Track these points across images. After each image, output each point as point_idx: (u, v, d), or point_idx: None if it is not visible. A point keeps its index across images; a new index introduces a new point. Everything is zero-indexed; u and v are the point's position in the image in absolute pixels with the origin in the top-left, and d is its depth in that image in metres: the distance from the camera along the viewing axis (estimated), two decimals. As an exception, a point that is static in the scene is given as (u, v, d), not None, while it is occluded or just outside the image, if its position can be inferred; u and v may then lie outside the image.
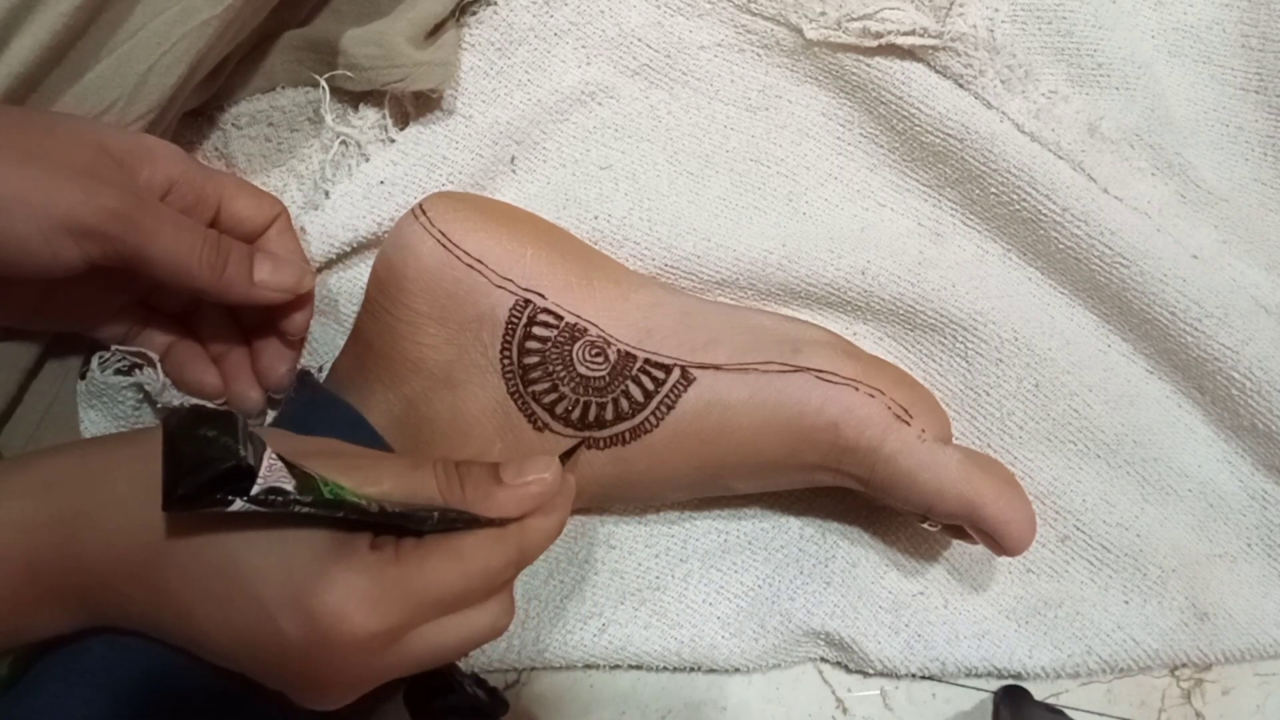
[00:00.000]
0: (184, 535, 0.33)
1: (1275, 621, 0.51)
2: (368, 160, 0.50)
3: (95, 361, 0.47)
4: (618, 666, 0.51)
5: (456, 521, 0.35)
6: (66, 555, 0.34)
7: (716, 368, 0.44)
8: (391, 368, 0.45)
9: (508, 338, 0.44)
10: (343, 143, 0.50)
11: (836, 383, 0.44)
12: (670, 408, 0.44)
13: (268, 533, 0.33)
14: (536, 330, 0.44)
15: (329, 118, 0.50)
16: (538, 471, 0.36)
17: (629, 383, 0.44)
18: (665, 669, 0.51)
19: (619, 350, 0.44)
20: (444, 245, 0.44)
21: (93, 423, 0.49)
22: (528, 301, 0.44)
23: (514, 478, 0.36)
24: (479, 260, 0.44)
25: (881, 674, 0.51)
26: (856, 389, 0.44)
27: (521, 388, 0.44)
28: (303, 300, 0.46)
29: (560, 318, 0.44)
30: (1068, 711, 0.49)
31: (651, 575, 0.51)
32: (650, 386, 0.44)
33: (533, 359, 0.44)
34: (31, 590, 0.34)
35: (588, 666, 0.51)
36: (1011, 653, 0.51)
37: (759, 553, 0.51)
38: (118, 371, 0.47)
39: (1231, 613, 0.51)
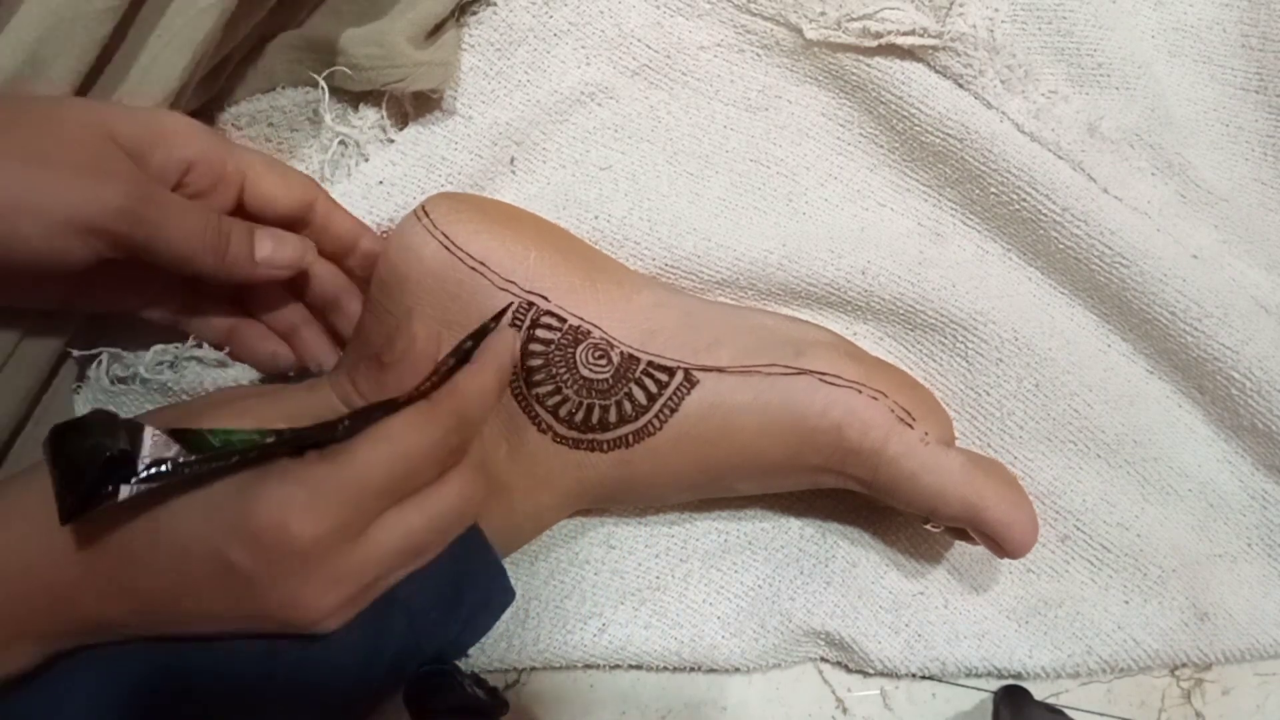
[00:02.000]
0: (104, 537, 0.33)
1: (1275, 621, 0.51)
2: (367, 160, 0.50)
3: (94, 368, 0.47)
4: (618, 666, 0.51)
5: (373, 413, 0.35)
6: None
7: (720, 370, 0.44)
8: (396, 369, 0.45)
9: None
10: (341, 143, 0.50)
11: (840, 385, 0.44)
12: (674, 410, 0.44)
13: (184, 496, 0.33)
14: (540, 333, 0.44)
15: (328, 117, 0.50)
16: (407, 337, 0.37)
17: (632, 385, 0.44)
18: (665, 669, 0.51)
19: (622, 352, 0.44)
20: (447, 248, 0.44)
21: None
22: (531, 304, 0.44)
23: (390, 354, 0.36)
24: (482, 263, 0.44)
25: (881, 674, 0.51)
26: (860, 391, 0.44)
27: (525, 390, 0.44)
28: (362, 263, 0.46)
29: (564, 320, 0.44)
30: (1068, 711, 0.49)
31: (651, 575, 0.51)
32: (654, 389, 0.44)
33: (536, 361, 0.44)
34: None
35: (588, 666, 0.51)
36: (1011, 653, 0.51)
37: (759, 553, 0.51)
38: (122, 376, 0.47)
39: (1231, 613, 0.51)
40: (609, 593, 0.51)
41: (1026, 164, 0.49)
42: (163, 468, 0.32)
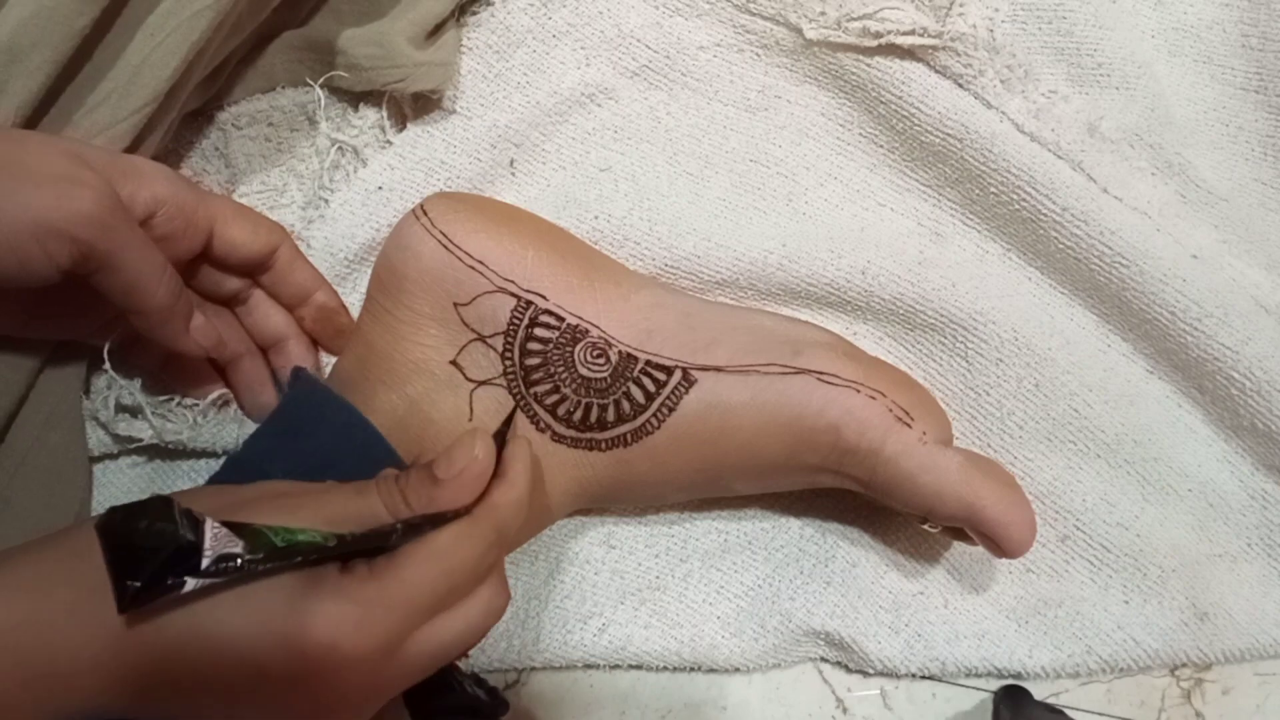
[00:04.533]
0: (151, 629, 0.32)
1: (1275, 621, 0.51)
2: (365, 165, 0.50)
3: (98, 392, 0.47)
4: (618, 666, 0.51)
5: (422, 526, 0.35)
6: (19, 670, 0.32)
7: (718, 369, 0.44)
8: (394, 368, 0.45)
9: (509, 339, 0.44)
10: (338, 149, 0.50)
11: (837, 385, 0.44)
12: (671, 409, 0.44)
13: (234, 595, 0.32)
14: (538, 331, 0.44)
15: (324, 124, 0.50)
16: (467, 455, 0.36)
17: (630, 384, 0.44)
18: (665, 669, 0.51)
19: (620, 351, 0.44)
20: (445, 247, 0.44)
21: (99, 441, 0.48)
22: (529, 303, 0.44)
23: (447, 471, 0.36)
24: (480, 262, 0.44)
25: (881, 674, 0.51)
26: (858, 391, 0.44)
27: (524, 389, 0.44)
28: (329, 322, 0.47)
29: (562, 319, 0.44)
30: (1068, 711, 0.49)
31: (651, 575, 0.51)
32: (651, 388, 0.44)
33: (534, 360, 0.44)
34: None
35: (588, 666, 0.51)
36: (1011, 653, 0.51)
37: (759, 553, 0.51)
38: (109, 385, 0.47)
39: (1231, 613, 0.51)
40: (609, 593, 0.51)
41: (1026, 164, 0.49)
42: (229, 564, 0.31)
